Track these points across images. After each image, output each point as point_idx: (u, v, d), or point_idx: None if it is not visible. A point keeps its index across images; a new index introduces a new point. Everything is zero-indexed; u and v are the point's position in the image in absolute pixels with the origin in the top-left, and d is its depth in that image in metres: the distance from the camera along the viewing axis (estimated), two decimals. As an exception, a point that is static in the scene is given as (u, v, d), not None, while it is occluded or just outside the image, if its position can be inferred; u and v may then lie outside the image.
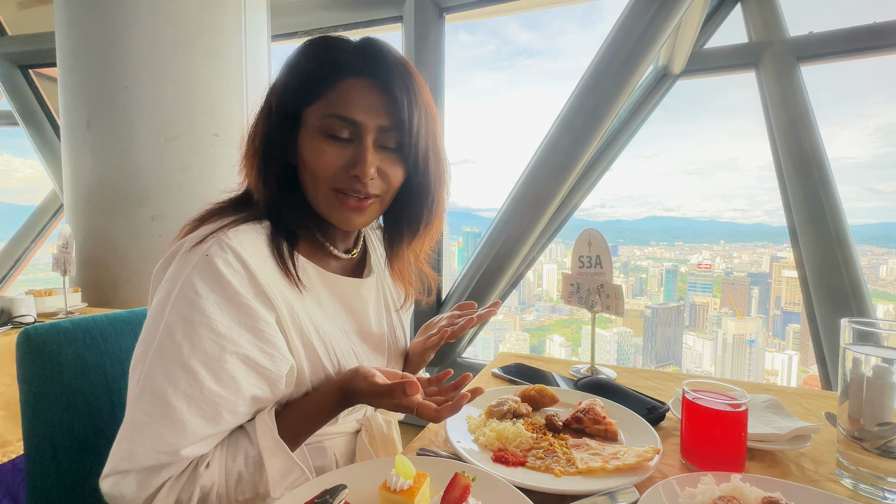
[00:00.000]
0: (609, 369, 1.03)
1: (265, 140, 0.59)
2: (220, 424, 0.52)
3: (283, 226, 0.61)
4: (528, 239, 2.32)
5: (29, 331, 0.69)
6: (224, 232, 0.55)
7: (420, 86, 0.60)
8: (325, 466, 0.63)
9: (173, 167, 1.95)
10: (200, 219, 0.61)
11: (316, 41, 0.60)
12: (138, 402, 0.50)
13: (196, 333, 0.50)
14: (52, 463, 0.68)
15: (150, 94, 1.92)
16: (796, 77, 2.03)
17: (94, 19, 1.93)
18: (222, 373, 0.51)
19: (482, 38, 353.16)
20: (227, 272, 0.52)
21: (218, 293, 0.51)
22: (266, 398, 0.55)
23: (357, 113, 0.57)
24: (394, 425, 0.74)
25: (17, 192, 7.37)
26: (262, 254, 0.57)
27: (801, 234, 2.05)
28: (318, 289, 0.63)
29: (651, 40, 1.94)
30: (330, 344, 0.62)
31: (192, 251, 0.53)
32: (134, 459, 0.48)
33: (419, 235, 0.69)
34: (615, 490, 0.53)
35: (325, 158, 0.57)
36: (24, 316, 1.68)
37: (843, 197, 1.96)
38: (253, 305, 0.53)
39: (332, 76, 0.57)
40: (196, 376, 0.49)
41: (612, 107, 2.07)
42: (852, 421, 0.58)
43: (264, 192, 0.60)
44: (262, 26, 2.25)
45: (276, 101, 0.59)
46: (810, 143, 1.99)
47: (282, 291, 0.57)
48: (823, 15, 7.89)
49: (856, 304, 1.92)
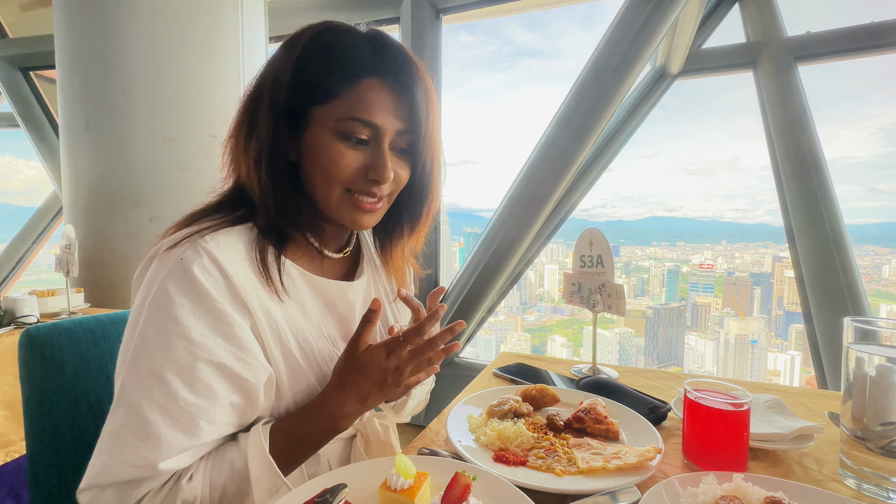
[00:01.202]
0: (611, 369, 1.03)
1: (272, 137, 0.56)
2: (198, 436, 0.50)
3: (273, 227, 0.59)
4: (525, 238, 2.33)
5: (31, 331, 0.69)
6: (201, 235, 0.53)
7: (431, 87, 0.59)
8: (318, 474, 0.61)
9: (171, 168, 1.97)
10: (183, 222, 0.59)
11: (325, 33, 0.57)
12: (115, 414, 0.49)
13: (169, 342, 0.48)
14: (55, 462, 0.68)
15: (147, 95, 1.93)
16: (794, 77, 2.04)
17: (93, 22, 1.94)
18: (197, 382, 0.49)
19: (483, 39, 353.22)
20: (202, 277, 0.50)
21: (192, 299, 0.49)
22: (246, 407, 0.54)
23: (377, 116, 0.55)
24: (391, 430, 0.72)
25: (20, 193, 7.42)
26: (240, 257, 0.54)
27: (798, 234, 2.06)
28: (303, 293, 0.61)
29: (647, 40, 1.95)
30: (311, 351, 0.60)
31: (167, 255, 0.52)
32: (110, 473, 0.47)
33: (417, 231, 0.69)
34: (616, 490, 0.53)
35: (344, 161, 0.56)
36: (28, 316, 1.68)
37: (846, 197, 1.97)
38: (228, 311, 0.51)
39: (351, 76, 0.55)
40: (170, 387, 0.48)
41: (608, 106, 2.07)
42: (855, 420, 0.58)
43: (272, 194, 0.57)
44: (259, 28, 2.26)
45: (282, 96, 0.55)
46: (807, 143, 2.00)
47: (259, 297, 0.55)
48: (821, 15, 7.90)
49: (852, 304, 1.92)
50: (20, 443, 1.42)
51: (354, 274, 0.71)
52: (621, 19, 2.00)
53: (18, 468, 1.42)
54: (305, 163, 0.58)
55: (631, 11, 1.97)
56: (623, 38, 1.99)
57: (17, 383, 0.70)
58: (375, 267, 0.75)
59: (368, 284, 0.72)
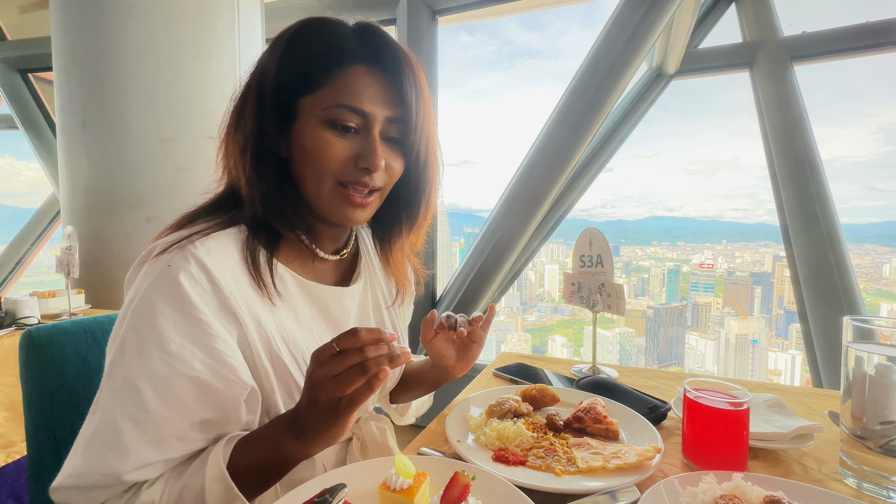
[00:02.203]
0: (611, 369, 1.03)
1: (258, 132, 0.55)
2: (166, 451, 0.48)
3: (265, 228, 0.57)
4: (521, 237, 2.33)
5: (31, 332, 0.69)
6: (191, 241, 0.51)
7: (422, 77, 0.58)
8: (314, 477, 0.61)
9: (167, 169, 1.98)
10: (178, 223, 0.58)
11: (311, 24, 0.56)
12: (91, 417, 0.48)
13: (147, 352, 0.47)
14: (55, 463, 0.68)
15: (144, 97, 1.95)
16: (790, 77, 2.04)
17: (89, 24, 1.95)
18: (170, 395, 0.47)
19: (483, 39, 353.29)
20: (188, 285, 0.48)
21: (175, 308, 0.48)
22: (221, 424, 0.51)
23: (366, 103, 0.54)
24: (388, 432, 0.71)
25: (21, 195, 7.44)
26: (230, 262, 0.53)
27: (793, 233, 2.07)
28: (295, 298, 0.59)
29: (642, 39, 1.95)
30: (303, 358, 0.58)
31: (156, 260, 0.51)
32: (79, 477, 0.47)
33: (416, 228, 0.68)
34: (616, 489, 0.53)
35: (332, 150, 0.54)
36: (29, 317, 1.69)
37: (846, 196, 1.99)
38: (211, 323, 0.49)
39: (337, 63, 0.54)
40: (142, 398, 0.46)
41: (604, 105, 2.08)
42: (855, 420, 0.57)
43: (259, 187, 0.55)
44: (256, 29, 2.27)
45: (269, 89, 0.55)
46: (803, 143, 2.01)
47: (249, 303, 0.53)
48: (818, 14, 7.88)
49: (847, 304, 1.93)
50: (21, 444, 1.43)
51: (351, 278, 0.69)
52: (617, 18, 2.01)
53: (19, 469, 1.43)
54: (296, 156, 0.57)
55: (626, 10, 1.98)
56: (619, 37, 1.99)
57: (18, 384, 0.70)
58: (374, 271, 0.73)
59: (365, 289, 0.70)
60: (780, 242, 2.18)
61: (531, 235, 2.40)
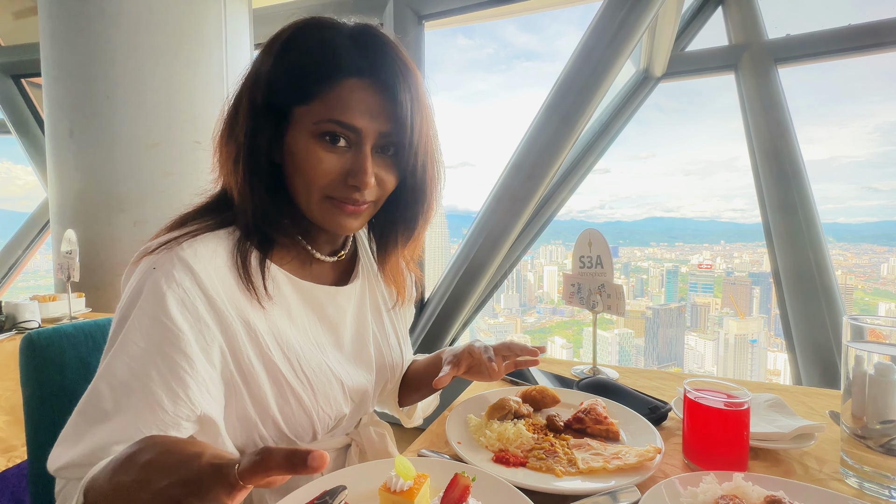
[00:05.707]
0: (611, 370, 1.03)
1: (250, 142, 0.54)
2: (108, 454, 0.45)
3: (258, 231, 0.57)
4: (507, 239, 2.33)
5: (32, 335, 0.69)
6: (178, 242, 0.51)
7: (419, 83, 0.56)
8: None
9: (154, 174, 2.00)
10: (173, 225, 0.57)
11: (307, 29, 0.54)
12: (74, 411, 0.48)
13: (115, 353, 0.47)
14: (55, 467, 0.68)
15: (131, 102, 1.96)
16: (774, 79, 2.06)
17: (77, 31, 1.97)
18: (123, 400, 0.46)
19: (480, 42, 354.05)
20: (167, 289, 0.48)
21: (147, 312, 0.47)
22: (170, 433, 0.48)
23: (358, 119, 0.52)
24: (388, 437, 0.71)
25: (18, 199, 7.38)
26: (218, 264, 0.53)
27: (775, 233, 2.09)
28: (289, 299, 0.59)
29: (624, 40, 1.96)
30: (297, 360, 0.57)
31: (145, 261, 0.51)
32: (50, 464, 0.47)
33: (414, 238, 0.67)
34: (617, 490, 0.53)
35: (323, 166, 0.53)
36: (29, 321, 1.69)
37: (844, 196, 2.01)
38: (179, 333, 0.48)
39: (330, 76, 0.52)
40: (100, 396, 0.46)
41: (588, 105, 2.09)
42: (856, 419, 0.58)
43: (251, 199, 0.55)
44: (243, 34, 2.29)
45: (262, 96, 0.53)
46: (785, 144, 2.03)
47: (237, 305, 0.53)
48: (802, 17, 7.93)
49: (826, 304, 1.95)
50: (22, 448, 1.42)
51: (350, 277, 0.69)
52: (597, 23, 2.02)
53: (20, 473, 1.42)
54: (288, 165, 0.56)
55: (608, 12, 1.99)
56: (601, 39, 2.00)
57: (19, 388, 0.70)
58: (373, 272, 0.72)
59: (363, 289, 0.70)
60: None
61: (520, 235, 2.40)
